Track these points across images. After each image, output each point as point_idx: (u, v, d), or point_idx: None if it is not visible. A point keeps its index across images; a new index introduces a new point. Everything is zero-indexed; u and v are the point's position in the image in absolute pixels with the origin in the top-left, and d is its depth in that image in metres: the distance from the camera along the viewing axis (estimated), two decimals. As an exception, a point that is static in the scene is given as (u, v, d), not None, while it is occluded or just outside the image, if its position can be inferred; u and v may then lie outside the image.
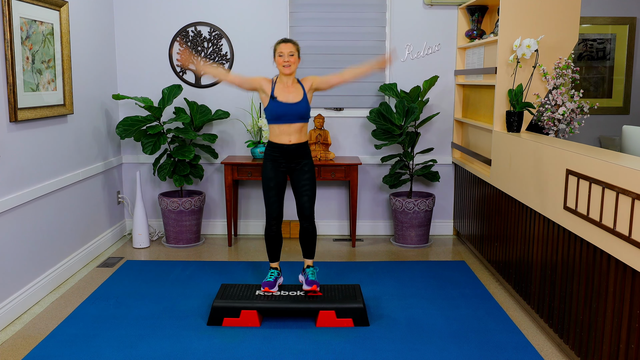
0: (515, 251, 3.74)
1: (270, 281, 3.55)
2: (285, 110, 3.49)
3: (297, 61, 3.52)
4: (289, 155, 3.56)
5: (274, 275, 3.62)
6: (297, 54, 3.53)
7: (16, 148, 3.53)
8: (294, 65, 3.49)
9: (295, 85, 3.56)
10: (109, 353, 3.04)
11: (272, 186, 3.59)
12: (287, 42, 3.50)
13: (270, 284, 3.53)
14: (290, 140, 3.54)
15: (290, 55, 3.48)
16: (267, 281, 3.55)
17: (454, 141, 5.23)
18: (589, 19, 5.69)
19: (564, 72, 3.82)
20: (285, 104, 3.49)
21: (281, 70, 3.51)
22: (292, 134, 3.54)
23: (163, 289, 3.95)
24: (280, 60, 3.49)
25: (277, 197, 3.60)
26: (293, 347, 3.12)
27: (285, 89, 3.53)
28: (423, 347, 3.12)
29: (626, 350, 2.44)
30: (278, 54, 3.50)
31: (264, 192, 3.62)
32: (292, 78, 3.56)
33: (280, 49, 3.49)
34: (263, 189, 3.63)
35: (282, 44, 3.50)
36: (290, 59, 3.48)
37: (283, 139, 3.54)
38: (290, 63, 3.48)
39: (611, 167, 2.53)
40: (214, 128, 5.25)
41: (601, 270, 2.64)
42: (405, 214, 4.94)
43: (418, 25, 5.12)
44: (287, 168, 3.60)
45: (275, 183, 3.59)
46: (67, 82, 4.13)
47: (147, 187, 5.33)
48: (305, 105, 3.53)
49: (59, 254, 4.09)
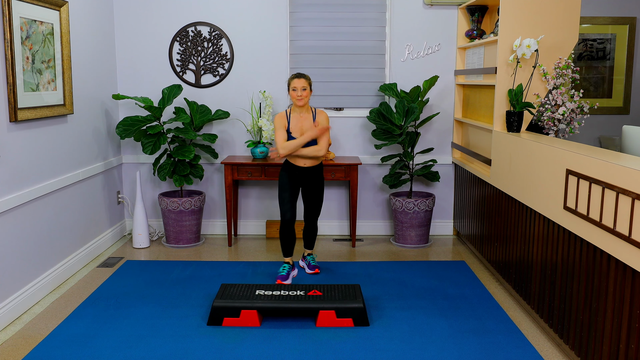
0: (515, 251, 3.74)
1: (283, 275, 4.04)
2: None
3: (309, 94, 3.95)
4: (303, 174, 4.06)
5: (286, 269, 4.10)
6: (309, 87, 3.96)
7: (16, 148, 3.53)
8: (306, 99, 3.94)
9: (308, 115, 4.00)
10: (109, 353, 3.04)
11: (286, 190, 4.04)
12: (300, 78, 3.92)
13: (283, 277, 4.02)
14: (305, 164, 4.02)
15: (303, 90, 3.91)
16: (280, 275, 4.04)
17: (454, 141, 5.23)
18: (589, 19, 5.69)
19: (564, 72, 3.82)
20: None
21: (295, 103, 3.94)
22: (307, 159, 4.01)
23: (163, 289, 3.95)
24: (294, 94, 3.92)
25: (291, 201, 4.03)
26: (293, 347, 3.12)
27: (299, 121, 3.98)
28: (423, 347, 3.12)
29: (626, 350, 2.44)
30: (292, 89, 3.93)
31: (280, 195, 4.06)
32: (306, 107, 4.00)
33: (294, 84, 3.92)
34: (279, 193, 4.07)
35: (295, 79, 3.92)
36: (303, 93, 3.92)
37: (298, 162, 4.02)
38: (303, 97, 3.92)
39: (611, 167, 2.53)
40: (214, 128, 5.25)
41: (601, 270, 2.64)
42: (405, 214, 4.94)
43: (418, 25, 5.12)
44: (301, 182, 4.08)
45: (289, 187, 4.04)
46: (67, 82, 4.13)
47: (147, 187, 5.33)
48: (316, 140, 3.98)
49: (59, 254, 4.09)
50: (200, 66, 5.18)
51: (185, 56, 5.16)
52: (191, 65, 5.18)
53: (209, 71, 5.18)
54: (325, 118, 4.03)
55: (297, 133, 3.96)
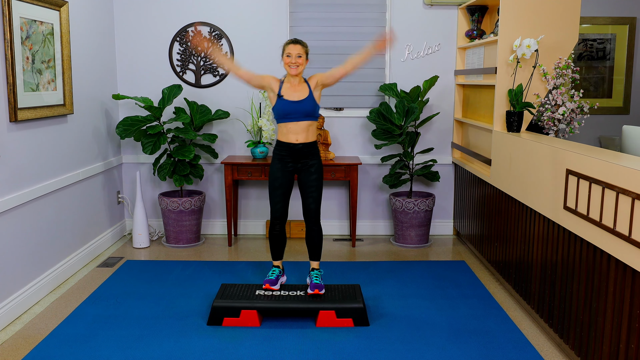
0: (515, 251, 3.74)
1: (271, 279, 3.59)
2: (291, 108, 3.51)
3: (304, 62, 3.54)
4: (296, 154, 3.57)
5: (276, 273, 3.65)
6: (306, 56, 3.54)
7: (16, 148, 3.53)
8: (301, 67, 3.51)
9: (302, 85, 3.58)
10: (109, 353, 3.04)
11: (277, 186, 3.60)
12: (296, 44, 3.51)
13: (271, 281, 3.56)
14: (298, 139, 3.54)
15: (298, 57, 3.49)
16: (268, 278, 3.59)
17: (454, 141, 5.23)
18: (589, 19, 5.69)
19: (564, 72, 3.82)
20: (291, 101, 3.51)
21: (288, 70, 3.52)
22: (300, 132, 3.54)
23: (163, 289, 3.95)
24: (288, 60, 3.50)
25: (282, 198, 3.62)
26: (293, 347, 3.12)
27: (292, 87, 3.55)
28: (423, 347, 3.12)
29: (626, 350, 2.44)
30: (286, 54, 3.51)
31: (270, 191, 3.64)
32: (300, 78, 3.58)
33: (289, 49, 3.50)
34: (269, 188, 3.64)
35: (290, 44, 3.51)
36: (297, 60, 3.49)
37: (290, 138, 3.54)
38: (297, 64, 3.49)
39: (611, 167, 2.52)
40: (214, 128, 5.25)
41: (601, 270, 2.64)
42: (405, 214, 4.94)
43: (418, 25, 5.12)
44: (294, 168, 3.61)
45: (280, 183, 3.60)
46: (67, 82, 4.13)
47: (147, 187, 5.33)
48: (310, 102, 3.54)
49: (59, 254, 4.09)
50: (200, 66, 5.18)
51: (185, 56, 5.16)
52: (191, 65, 5.17)
53: (209, 71, 5.18)
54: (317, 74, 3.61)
55: (289, 97, 3.52)
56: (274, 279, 3.59)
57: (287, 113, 3.52)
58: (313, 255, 3.72)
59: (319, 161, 3.64)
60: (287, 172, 3.61)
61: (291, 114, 3.52)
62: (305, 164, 3.60)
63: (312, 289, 3.50)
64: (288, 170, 3.61)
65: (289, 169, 3.61)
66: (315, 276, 3.61)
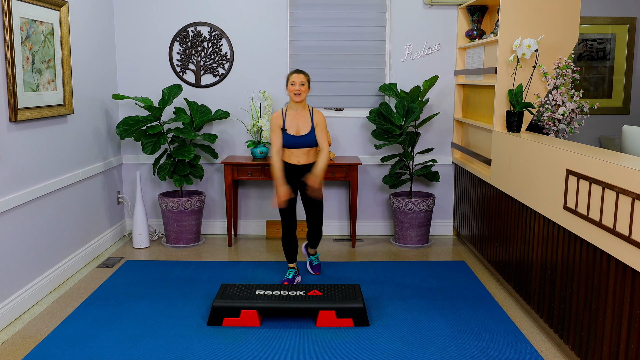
0: (515, 251, 3.74)
1: (289, 278, 4.07)
2: (294, 142, 3.93)
3: (307, 90, 3.92)
4: (298, 172, 3.99)
5: (292, 273, 4.11)
6: (308, 84, 3.92)
7: (16, 148, 3.53)
8: (304, 94, 3.90)
9: (304, 113, 3.97)
10: (109, 353, 3.04)
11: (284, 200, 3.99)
12: (299, 73, 3.89)
13: (289, 281, 4.06)
14: (299, 161, 3.98)
15: (301, 85, 3.87)
16: (287, 278, 4.07)
17: (454, 141, 5.23)
18: (589, 19, 5.69)
19: (564, 72, 3.82)
20: (294, 136, 3.92)
21: (292, 98, 3.90)
22: (301, 156, 3.97)
23: (163, 289, 3.95)
24: (292, 88, 3.87)
25: (290, 209, 4.00)
26: (293, 347, 3.12)
27: (295, 118, 3.94)
28: (423, 347, 3.12)
29: (626, 350, 2.44)
30: (290, 83, 3.89)
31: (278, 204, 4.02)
32: (303, 105, 3.96)
33: (293, 79, 3.88)
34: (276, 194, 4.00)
35: (294, 74, 3.89)
36: (301, 88, 3.87)
37: (293, 160, 3.98)
38: (300, 92, 3.88)
39: (611, 167, 2.52)
40: (214, 128, 5.25)
41: (601, 270, 2.64)
42: (405, 214, 4.94)
43: (418, 25, 5.12)
44: (296, 184, 4.02)
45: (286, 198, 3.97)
46: (67, 82, 4.13)
47: (147, 187, 5.33)
48: (311, 137, 3.94)
49: (59, 254, 4.09)
50: (200, 66, 5.18)
51: (185, 56, 5.16)
52: (191, 65, 5.18)
53: (209, 71, 5.18)
54: (322, 118, 3.97)
55: (293, 130, 3.91)
56: (291, 279, 4.07)
57: (290, 145, 3.94)
58: (313, 244, 4.26)
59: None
60: (291, 182, 3.99)
61: (294, 146, 3.94)
62: (306, 182, 3.95)
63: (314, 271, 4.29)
64: (293, 184, 4.00)
65: (294, 184, 4.01)
66: (315, 258, 4.32)
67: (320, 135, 3.95)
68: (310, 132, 3.92)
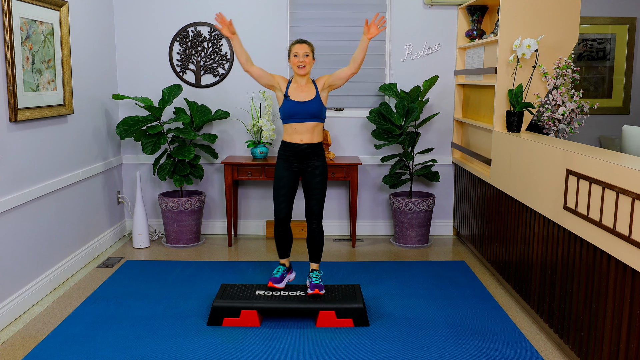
0: (515, 251, 3.74)
1: (276, 277, 3.59)
2: (296, 109, 3.51)
3: (311, 62, 3.55)
4: (300, 155, 3.56)
5: (281, 271, 3.64)
6: (312, 55, 3.56)
7: (16, 148, 3.53)
8: (308, 66, 3.53)
9: (309, 85, 3.59)
10: (109, 353, 3.03)
11: (281, 185, 3.59)
12: (302, 43, 3.53)
13: (275, 280, 3.56)
14: (302, 140, 3.54)
15: (305, 56, 3.51)
16: (273, 277, 3.59)
17: (454, 141, 5.23)
18: (589, 19, 5.69)
19: (564, 72, 3.82)
20: (296, 102, 3.51)
21: (295, 71, 3.54)
22: (304, 133, 3.54)
23: (163, 289, 3.95)
24: (295, 60, 3.52)
25: (287, 197, 3.59)
26: (293, 347, 3.12)
27: (299, 88, 3.56)
28: (423, 347, 3.12)
29: (626, 350, 2.44)
30: (293, 54, 3.53)
31: (274, 190, 3.63)
32: (307, 78, 3.59)
33: (296, 49, 3.52)
34: (273, 187, 3.63)
35: (297, 44, 3.53)
36: (305, 60, 3.51)
37: (295, 139, 3.55)
38: (305, 63, 3.51)
39: (611, 167, 2.52)
40: (214, 128, 5.25)
41: (601, 270, 2.64)
42: (405, 214, 4.94)
43: (418, 25, 5.12)
44: (299, 169, 3.60)
45: (285, 182, 3.59)
46: (67, 82, 4.13)
47: (147, 187, 5.33)
48: (316, 104, 3.54)
49: (59, 254, 4.09)
50: (200, 66, 5.18)
51: (185, 56, 5.16)
52: (191, 65, 5.18)
53: (209, 71, 5.18)
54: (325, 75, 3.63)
55: (295, 97, 3.53)
56: (279, 277, 3.59)
57: (293, 113, 3.52)
58: (313, 257, 3.71)
59: (323, 163, 3.63)
60: (292, 172, 3.60)
61: (297, 115, 3.52)
62: (310, 165, 3.59)
63: (312, 289, 3.49)
64: (293, 171, 3.60)
65: (294, 170, 3.60)
66: (315, 277, 3.60)
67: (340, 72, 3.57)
68: (315, 99, 3.53)
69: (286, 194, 3.59)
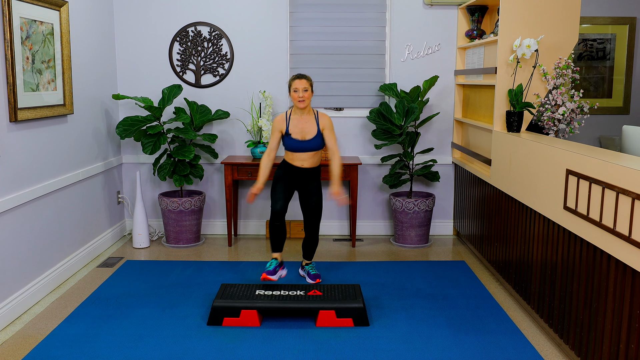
0: (515, 251, 3.74)
1: (270, 270, 3.74)
2: (299, 146, 3.84)
3: (310, 95, 3.82)
4: (299, 175, 3.91)
5: (274, 264, 3.79)
6: (311, 89, 3.82)
7: (16, 148, 3.53)
8: (307, 100, 3.81)
9: (309, 117, 3.87)
10: (109, 353, 3.04)
11: (280, 183, 3.87)
12: (302, 79, 3.80)
13: (270, 272, 3.72)
14: (303, 165, 3.89)
15: (304, 91, 3.78)
16: (267, 270, 3.74)
17: (454, 141, 5.23)
18: (589, 19, 5.69)
19: (564, 72, 3.82)
20: (299, 140, 3.83)
21: (296, 105, 3.81)
22: (305, 160, 3.88)
23: (163, 289, 3.95)
24: (295, 95, 3.79)
25: (284, 195, 3.85)
26: (293, 347, 3.12)
27: (300, 122, 3.84)
28: (423, 347, 3.12)
29: (626, 350, 2.44)
30: (293, 90, 3.80)
31: (272, 190, 3.91)
32: (307, 109, 3.87)
33: (295, 85, 3.79)
34: (272, 186, 3.91)
35: (296, 80, 3.80)
36: (304, 95, 3.78)
37: (296, 163, 3.89)
38: (304, 98, 3.78)
39: (611, 167, 2.53)
40: (214, 128, 5.25)
41: (601, 270, 2.64)
42: (405, 214, 4.94)
43: (418, 25, 5.12)
44: (296, 184, 3.94)
45: (284, 182, 3.89)
46: (67, 82, 4.13)
47: (147, 187, 5.33)
48: (318, 141, 3.85)
49: (59, 254, 4.09)
50: (200, 66, 5.18)
51: (185, 56, 5.16)
52: (191, 65, 5.18)
53: (209, 71, 5.18)
54: (328, 120, 3.87)
55: (298, 135, 3.82)
56: (272, 270, 3.75)
57: (295, 149, 3.85)
58: (308, 255, 4.12)
59: (319, 182, 3.97)
60: (291, 180, 3.91)
61: (299, 150, 3.85)
62: (307, 184, 3.92)
63: (313, 279, 4.00)
64: (292, 180, 3.91)
65: (293, 181, 3.92)
66: (311, 268, 4.09)
67: (330, 139, 3.85)
68: (316, 136, 3.83)
69: (284, 191, 3.86)
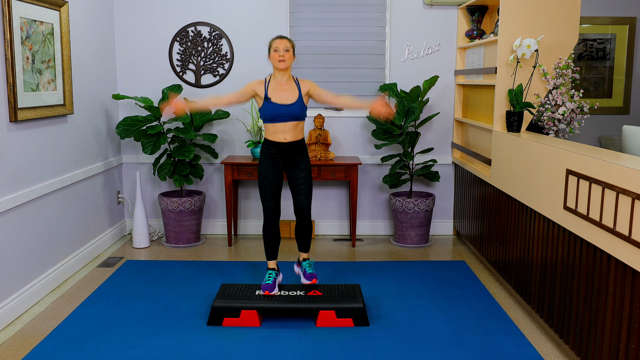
0: (515, 251, 3.74)
1: (269, 284, 3.52)
2: (279, 112, 3.50)
3: (292, 58, 3.54)
4: (284, 152, 3.57)
5: (272, 276, 3.59)
6: (292, 51, 3.54)
7: (16, 148, 3.53)
8: (289, 61, 3.51)
9: (290, 84, 3.56)
10: (109, 353, 3.04)
11: (267, 184, 3.59)
12: (283, 39, 3.53)
13: (269, 287, 3.50)
14: (286, 138, 3.55)
15: (285, 51, 3.49)
16: (266, 284, 3.52)
17: (454, 141, 5.23)
18: (589, 19, 5.69)
19: (564, 72, 3.82)
20: (279, 105, 3.50)
21: (276, 65, 3.51)
22: (287, 132, 3.54)
23: (163, 289, 3.95)
24: (276, 55, 3.49)
25: (273, 195, 3.60)
26: (293, 347, 3.12)
27: (279, 87, 3.53)
28: (423, 347, 3.12)
29: (626, 350, 2.44)
30: (273, 49, 3.51)
31: (260, 190, 3.63)
32: (287, 75, 3.56)
33: (276, 44, 3.51)
34: (259, 186, 3.63)
35: (277, 39, 3.53)
36: (285, 55, 3.49)
37: (278, 137, 3.55)
38: (285, 58, 3.49)
39: (611, 167, 2.53)
40: (214, 128, 5.25)
41: (601, 270, 2.64)
42: (405, 214, 4.94)
43: (418, 25, 5.12)
44: (283, 165, 3.61)
45: (270, 180, 3.59)
46: (67, 82, 4.13)
47: (147, 187, 5.33)
48: (300, 106, 3.54)
49: (59, 254, 4.09)
50: (200, 66, 5.18)
51: (185, 56, 5.16)
52: (191, 65, 5.18)
53: (209, 71, 5.18)
54: (311, 82, 3.62)
55: (277, 99, 3.50)
56: (272, 284, 3.53)
57: (276, 116, 3.52)
58: (303, 247, 3.75)
59: (307, 158, 3.65)
60: (277, 169, 3.61)
61: (279, 117, 3.52)
62: (294, 161, 3.60)
63: (308, 279, 3.59)
64: (277, 168, 3.61)
65: (278, 167, 3.61)
66: (308, 265, 3.67)
67: (324, 92, 3.63)
68: (298, 101, 3.52)
69: (273, 192, 3.60)
